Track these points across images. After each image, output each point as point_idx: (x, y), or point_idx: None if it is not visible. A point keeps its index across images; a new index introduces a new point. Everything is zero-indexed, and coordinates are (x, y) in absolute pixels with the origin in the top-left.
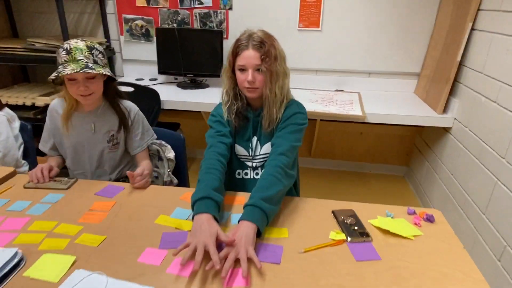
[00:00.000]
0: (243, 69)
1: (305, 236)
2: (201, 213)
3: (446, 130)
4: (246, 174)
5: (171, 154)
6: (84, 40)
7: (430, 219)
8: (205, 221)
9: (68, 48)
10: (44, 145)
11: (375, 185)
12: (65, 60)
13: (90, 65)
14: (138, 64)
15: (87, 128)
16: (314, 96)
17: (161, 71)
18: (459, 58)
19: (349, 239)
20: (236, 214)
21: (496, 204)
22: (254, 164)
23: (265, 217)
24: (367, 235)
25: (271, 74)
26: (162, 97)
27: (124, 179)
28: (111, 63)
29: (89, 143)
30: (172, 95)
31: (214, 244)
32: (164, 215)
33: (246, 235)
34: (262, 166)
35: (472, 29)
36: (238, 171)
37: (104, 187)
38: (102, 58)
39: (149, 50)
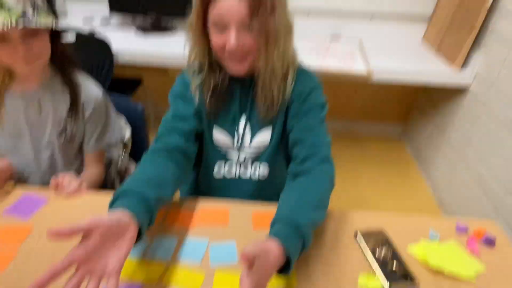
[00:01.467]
0: (220, 26)
1: (321, 284)
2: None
3: (462, 89)
4: (230, 172)
5: (126, 132)
6: None
7: (491, 242)
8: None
9: None
10: None
11: (368, 147)
12: None
13: (30, 16)
14: (86, 1)
15: (28, 111)
16: (308, 44)
17: (113, 9)
18: (489, 4)
19: None
20: (217, 244)
21: None
22: (241, 157)
23: (300, 250)
24: (412, 277)
25: (268, 35)
26: (115, 46)
27: None
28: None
29: (32, 132)
30: (129, 44)
31: None
32: None
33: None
34: (254, 161)
35: None
36: (217, 165)
37: (16, 200)
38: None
39: None
